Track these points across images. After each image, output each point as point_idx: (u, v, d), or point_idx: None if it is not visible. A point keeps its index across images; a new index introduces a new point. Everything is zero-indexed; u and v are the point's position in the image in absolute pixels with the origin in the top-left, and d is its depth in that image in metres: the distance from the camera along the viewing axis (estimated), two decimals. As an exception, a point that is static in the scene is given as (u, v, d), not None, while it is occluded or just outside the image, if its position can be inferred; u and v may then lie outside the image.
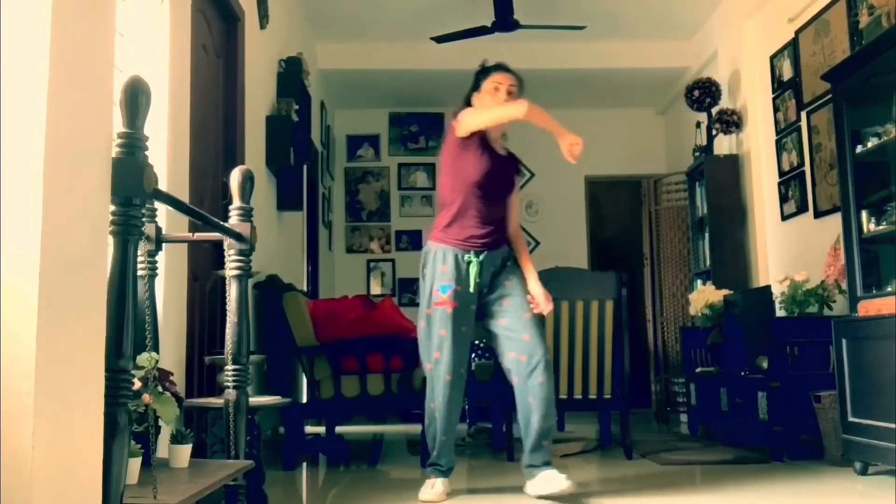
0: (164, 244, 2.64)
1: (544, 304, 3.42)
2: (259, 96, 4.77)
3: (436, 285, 3.36)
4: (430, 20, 6.54)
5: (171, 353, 3.04)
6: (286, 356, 4.46)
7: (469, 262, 3.37)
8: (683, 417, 6.21)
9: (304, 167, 5.92)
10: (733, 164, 6.23)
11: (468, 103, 3.54)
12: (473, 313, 3.41)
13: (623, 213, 8.66)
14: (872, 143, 3.80)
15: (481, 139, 3.43)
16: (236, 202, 2.49)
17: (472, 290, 3.37)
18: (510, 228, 3.57)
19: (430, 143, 8.56)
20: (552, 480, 3.24)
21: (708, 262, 6.19)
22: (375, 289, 8.31)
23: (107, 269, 1.68)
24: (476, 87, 3.55)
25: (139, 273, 2.16)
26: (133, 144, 1.71)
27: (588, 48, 7.17)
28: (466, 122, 3.40)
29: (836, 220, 4.42)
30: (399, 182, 8.57)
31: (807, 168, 5.27)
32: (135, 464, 1.97)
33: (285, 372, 4.58)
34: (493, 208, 3.46)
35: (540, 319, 3.44)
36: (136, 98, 1.72)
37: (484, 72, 3.55)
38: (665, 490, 3.57)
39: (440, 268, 3.37)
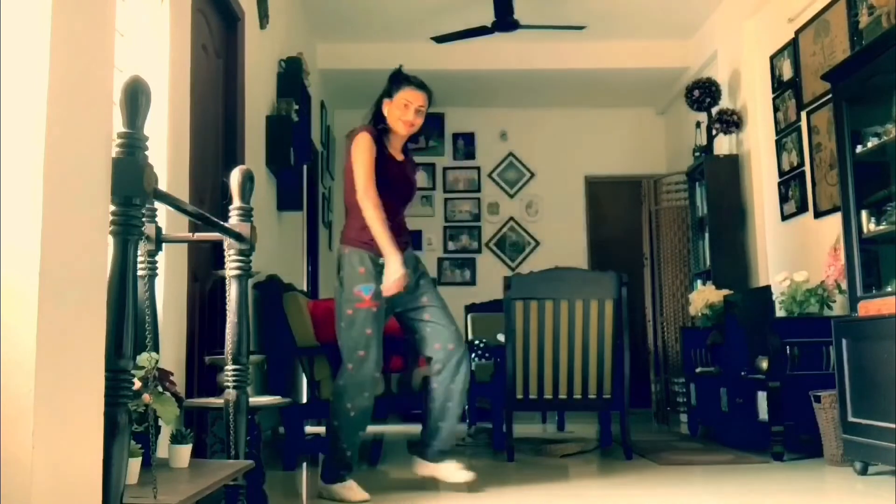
0: (164, 244, 2.64)
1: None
2: (259, 96, 4.77)
3: (356, 286, 3.39)
4: (430, 20, 6.54)
5: (171, 353, 3.04)
6: (286, 356, 4.46)
7: (383, 265, 3.42)
8: (683, 417, 6.21)
9: (304, 167, 5.92)
10: (733, 164, 6.23)
11: (378, 106, 3.59)
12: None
13: (623, 213, 8.66)
14: (872, 143, 3.81)
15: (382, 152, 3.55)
16: (236, 202, 2.49)
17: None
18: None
19: (429, 143, 8.56)
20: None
21: (708, 262, 6.19)
22: (375, 289, 8.30)
23: (107, 269, 1.68)
24: (389, 93, 3.60)
25: (139, 273, 2.16)
26: (133, 144, 1.70)
27: (588, 48, 7.17)
28: (357, 174, 3.44)
29: (836, 220, 4.42)
30: (399, 182, 8.56)
31: (807, 168, 5.27)
32: (135, 464, 1.97)
33: (285, 372, 4.58)
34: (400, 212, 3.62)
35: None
36: (136, 98, 1.71)
37: (397, 81, 3.61)
38: (665, 490, 3.57)
39: (359, 269, 3.41)
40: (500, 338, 4.80)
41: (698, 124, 6.67)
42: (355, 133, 3.53)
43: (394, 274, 3.36)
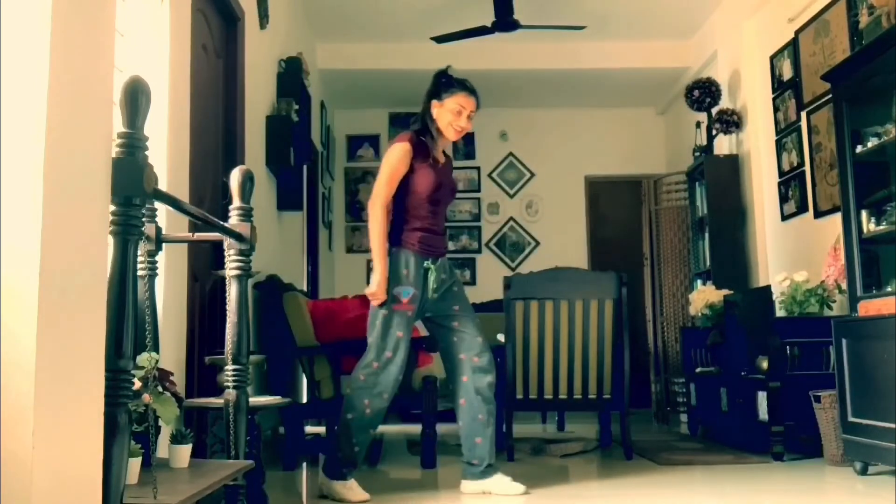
0: (164, 244, 2.64)
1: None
2: (259, 96, 4.77)
3: (396, 287, 3.38)
4: (430, 20, 6.54)
5: (171, 353, 3.04)
6: (286, 356, 4.46)
7: (428, 269, 3.42)
8: (683, 417, 6.21)
9: (304, 167, 5.92)
10: (733, 164, 6.23)
11: (427, 108, 3.55)
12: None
13: (623, 213, 8.66)
14: (872, 143, 3.80)
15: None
16: (236, 202, 2.49)
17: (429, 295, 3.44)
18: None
19: (430, 143, 8.56)
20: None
21: (708, 262, 6.19)
22: (375, 289, 8.29)
23: (107, 269, 1.68)
24: (438, 94, 3.54)
25: (139, 273, 2.16)
26: (133, 144, 1.71)
27: (588, 48, 7.16)
28: (378, 180, 3.49)
29: (836, 220, 4.42)
30: (399, 182, 8.55)
31: (807, 168, 5.27)
32: (135, 464, 1.97)
33: (285, 372, 4.58)
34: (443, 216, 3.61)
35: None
36: (136, 98, 1.72)
37: (448, 84, 3.56)
38: (665, 490, 3.57)
39: (402, 270, 3.40)
40: (500, 338, 4.80)
41: (698, 124, 6.67)
42: (396, 139, 3.54)
43: (372, 287, 3.36)
